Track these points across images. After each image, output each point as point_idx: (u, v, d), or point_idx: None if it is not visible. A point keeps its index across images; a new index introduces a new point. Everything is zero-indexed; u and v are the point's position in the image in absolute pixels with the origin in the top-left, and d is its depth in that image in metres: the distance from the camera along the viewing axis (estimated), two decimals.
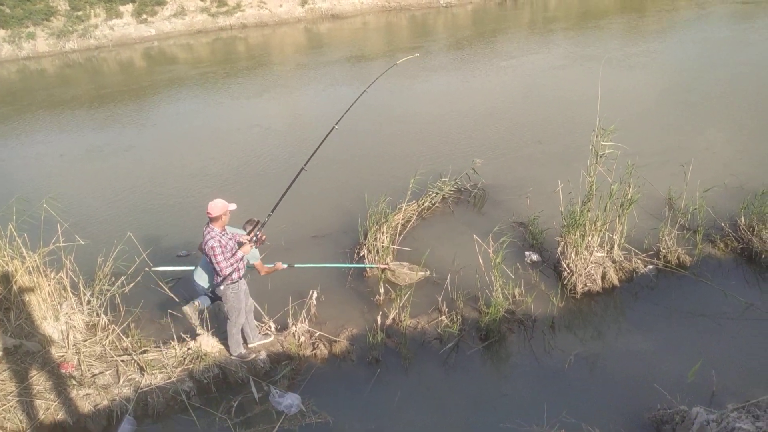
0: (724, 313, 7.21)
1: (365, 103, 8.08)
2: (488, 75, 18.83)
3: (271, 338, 7.11)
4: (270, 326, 7.31)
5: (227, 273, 6.24)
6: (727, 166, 10.60)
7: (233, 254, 6.27)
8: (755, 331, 6.87)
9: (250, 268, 7.04)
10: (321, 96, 18.23)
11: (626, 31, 23.39)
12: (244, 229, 6.88)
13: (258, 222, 6.86)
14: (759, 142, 11.60)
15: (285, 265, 7.54)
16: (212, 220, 6.20)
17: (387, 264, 8.31)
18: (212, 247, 6.13)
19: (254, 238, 6.56)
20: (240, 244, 6.48)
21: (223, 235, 6.27)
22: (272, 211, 6.85)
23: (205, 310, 7.10)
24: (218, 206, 6.17)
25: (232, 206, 6.32)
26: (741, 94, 14.47)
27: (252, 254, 6.89)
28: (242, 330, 6.83)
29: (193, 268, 7.57)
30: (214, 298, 7.07)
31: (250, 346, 6.96)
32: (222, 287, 6.32)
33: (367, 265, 8.38)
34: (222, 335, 6.98)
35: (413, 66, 19.81)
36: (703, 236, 8.26)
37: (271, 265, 7.36)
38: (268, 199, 7.42)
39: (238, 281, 6.42)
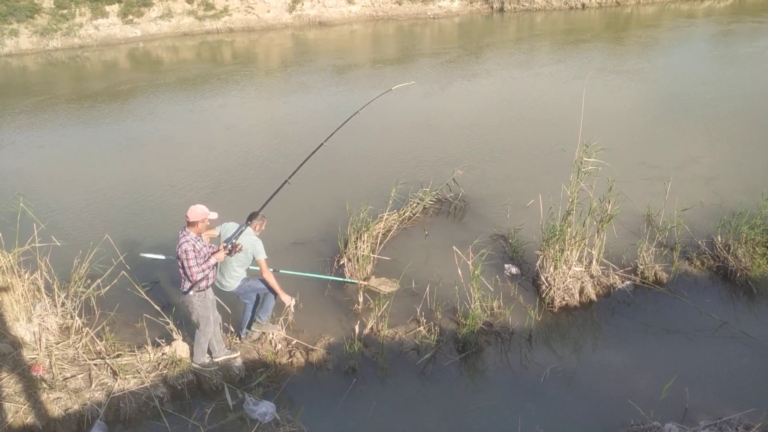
0: (699, 330, 7.29)
1: (350, 111, 8.05)
2: (473, 87, 18.95)
3: (238, 353, 6.93)
4: (238, 340, 7.21)
5: (197, 279, 6.18)
6: (708, 183, 10.76)
7: (206, 260, 6.22)
8: (729, 349, 6.95)
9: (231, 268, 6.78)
10: (311, 103, 18.21)
11: (613, 48, 23.67)
12: (248, 223, 6.61)
13: (264, 218, 6.73)
14: (742, 160, 11.78)
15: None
16: (189, 224, 6.16)
17: (366, 282, 8.27)
18: (185, 251, 6.08)
19: (229, 246, 6.33)
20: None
21: (198, 240, 6.22)
22: (250, 220, 6.77)
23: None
24: (197, 212, 6.13)
25: (213, 215, 6.27)
26: (731, 112, 14.66)
27: (258, 250, 6.57)
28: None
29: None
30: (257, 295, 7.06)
31: (215, 360, 6.78)
32: (190, 293, 6.25)
33: (347, 280, 8.37)
34: None
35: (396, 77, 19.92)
36: (680, 254, 8.36)
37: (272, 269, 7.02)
38: (249, 205, 7.33)
39: (205, 290, 6.35)
